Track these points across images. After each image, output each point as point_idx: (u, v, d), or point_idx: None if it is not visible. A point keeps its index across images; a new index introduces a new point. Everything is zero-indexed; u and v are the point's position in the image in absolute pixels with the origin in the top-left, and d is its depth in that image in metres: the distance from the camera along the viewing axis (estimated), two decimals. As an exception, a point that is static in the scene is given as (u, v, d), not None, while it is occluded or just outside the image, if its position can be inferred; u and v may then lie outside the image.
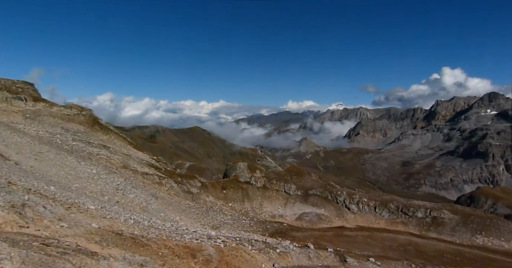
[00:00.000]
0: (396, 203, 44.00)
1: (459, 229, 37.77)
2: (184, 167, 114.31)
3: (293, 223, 41.57)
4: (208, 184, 47.20)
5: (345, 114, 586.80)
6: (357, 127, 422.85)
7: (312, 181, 52.75)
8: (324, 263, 20.42)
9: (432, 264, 25.71)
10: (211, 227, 27.99)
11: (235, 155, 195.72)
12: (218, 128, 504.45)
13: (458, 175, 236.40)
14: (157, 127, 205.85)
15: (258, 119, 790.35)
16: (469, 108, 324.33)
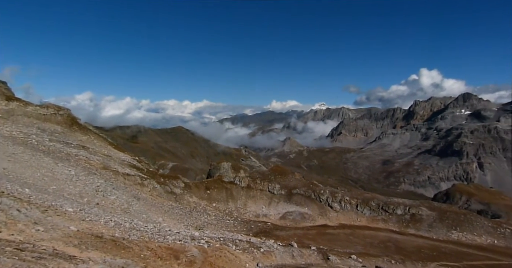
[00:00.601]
0: (376, 201, 45.10)
1: (436, 225, 39.17)
2: (167, 168, 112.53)
3: (277, 222, 41.82)
4: (191, 184, 46.71)
5: (328, 114, 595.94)
6: (340, 126, 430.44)
7: (296, 181, 53.25)
8: (308, 261, 20.69)
9: (410, 260, 26.56)
10: (194, 228, 27.73)
11: (219, 155, 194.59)
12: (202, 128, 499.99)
13: (435, 173, 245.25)
14: (139, 127, 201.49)
15: (242, 119, 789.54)
16: (445, 108, 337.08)
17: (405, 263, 25.55)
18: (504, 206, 60.89)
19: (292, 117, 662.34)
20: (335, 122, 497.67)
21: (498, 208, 59.86)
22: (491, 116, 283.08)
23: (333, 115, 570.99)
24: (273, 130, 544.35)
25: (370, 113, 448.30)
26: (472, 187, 77.94)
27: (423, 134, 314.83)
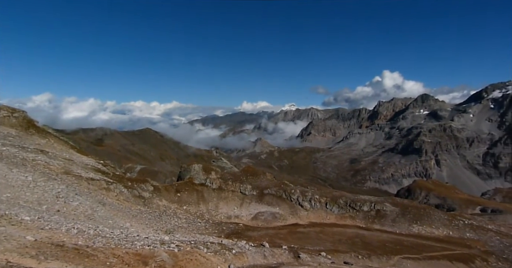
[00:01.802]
0: (345, 198, 46.71)
1: (398, 220, 41.37)
2: (135, 171, 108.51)
3: (249, 223, 41.90)
4: (161, 187, 45.45)
5: (298, 114, 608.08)
6: (309, 127, 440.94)
7: (267, 181, 53.71)
8: (279, 260, 20.96)
9: (376, 254, 27.85)
10: (164, 232, 26.99)
11: (190, 157, 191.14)
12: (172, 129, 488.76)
13: (398, 170, 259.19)
14: (104, 129, 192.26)
15: (213, 120, 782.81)
16: (406, 108, 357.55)
17: (371, 258, 26.75)
18: (458, 199, 65.82)
19: (263, 118, 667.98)
20: (305, 122, 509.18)
21: (453, 201, 64.60)
22: (446, 116, 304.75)
23: (303, 115, 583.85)
24: (244, 131, 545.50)
25: (338, 114, 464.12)
26: (430, 183, 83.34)
27: (387, 133, 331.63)
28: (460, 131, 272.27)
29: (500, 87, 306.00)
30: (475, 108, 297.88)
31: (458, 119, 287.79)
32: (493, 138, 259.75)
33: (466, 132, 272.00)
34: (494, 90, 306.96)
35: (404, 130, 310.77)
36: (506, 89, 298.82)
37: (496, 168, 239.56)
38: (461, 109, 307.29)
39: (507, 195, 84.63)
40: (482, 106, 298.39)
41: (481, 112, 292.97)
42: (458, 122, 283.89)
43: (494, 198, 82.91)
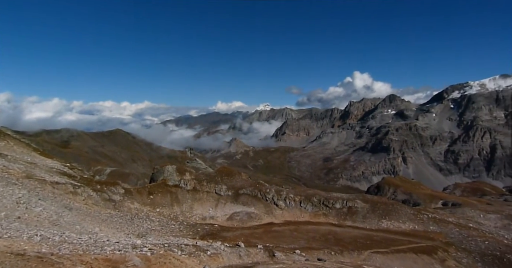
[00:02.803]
0: (318, 196, 47.81)
1: (369, 216, 43.03)
2: (104, 174, 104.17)
3: (224, 223, 41.69)
4: (132, 190, 44.02)
5: (272, 114, 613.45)
6: (283, 126, 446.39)
7: (243, 181, 53.74)
8: (254, 260, 21.06)
9: (348, 250, 28.80)
10: (136, 236, 26.17)
11: (163, 158, 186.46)
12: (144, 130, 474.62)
13: (368, 168, 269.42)
14: (70, 130, 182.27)
15: (187, 120, 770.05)
16: (375, 108, 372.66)
17: (343, 253, 27.62)
18: (423, 195, 69.59)
19: (238, 118, 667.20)
20: (279, 122, 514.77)
21: (418, 197, 68.18)
22: (411, 115, 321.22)
23: (277, 115, 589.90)
24: (219, 131, 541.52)
25: (311, 114, 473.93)
26: (397, 180, 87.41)
27: (358, 132, 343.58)
28: (424, 129, 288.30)
29: (459, 88, 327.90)
30: (437, 108, 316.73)
31: (422, 118, 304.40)
32: (453, 136, 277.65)
33: (429, 130, 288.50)
34: (454, 91, 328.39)
35: (374, 129, 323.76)
36: (464, 90, 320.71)
37: (456, 164, 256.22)
38: (424, 109, 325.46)
39: (465, 190, 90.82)
40: (443, 106, 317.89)
41: (442, 111, 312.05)
42: (422, 121, 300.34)
43: (454, 192, 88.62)
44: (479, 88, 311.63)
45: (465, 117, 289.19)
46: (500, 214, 46.42)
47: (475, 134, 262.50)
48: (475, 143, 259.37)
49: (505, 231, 40.36)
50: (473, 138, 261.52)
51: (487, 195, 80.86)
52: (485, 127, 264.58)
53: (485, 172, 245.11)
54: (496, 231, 39.91)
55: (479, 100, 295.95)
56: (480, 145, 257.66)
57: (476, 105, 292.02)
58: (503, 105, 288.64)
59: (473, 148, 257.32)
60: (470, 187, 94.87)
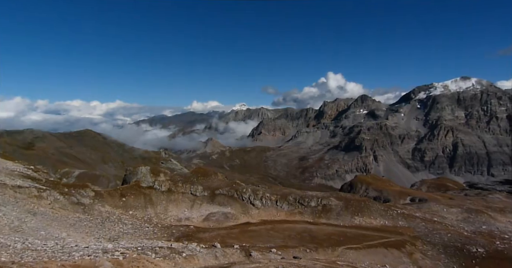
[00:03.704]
0: (294, 195, 48.50)
1: (342, 213, 44.28)
2: (73, 176, 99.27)
3: (200, 224, 41.18)
4: (103, 192, 42.32)
5: (248, 114, 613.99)
6: (260, 126, 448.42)
7: (219, 181, 53.37)
8: (231, 260, 21.00)
9: (322, 247, 29.50)
10: (107, 240, 25.19)
11: (136, 159, 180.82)
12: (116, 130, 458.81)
13: (342, 166, 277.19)
14: (35, 131, 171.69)
15: (161, 120, 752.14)
16: (348, 108, 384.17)
17: (318, 250, 28.25)
18: (393, 191, 72.74)
19: (214, 117, 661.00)
20: (256, 122, 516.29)
21: (388, 193, 71.18)
22: (382, 115, 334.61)
23: (253, 115, 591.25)
24: (195, 131, 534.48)
25: (287, 113, 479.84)
26: (369, 177, 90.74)
27: (331, 131, 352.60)
28: (393, 129, 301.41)
29: (425, 89, 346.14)
30: (405, 108, 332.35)
31: (391, 118, 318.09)
32: (419, 135, 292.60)
33: (398, 130, 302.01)
34: (420, 92, 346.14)
35: (347, 129, 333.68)
36: (429, 91, 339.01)
37: (422, 162, 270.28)
38: (394, 109, 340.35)
39: (431, 186, 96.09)
40: (411, 106, 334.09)
41: (410, 111, 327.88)
42: (391, 120, 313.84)
43: (421, 188, 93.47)
44: (443, 89, 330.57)
45: (430, 117, 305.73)
46: (461, 208, 49.53)
47: (439, 133, 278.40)
48: (439, 142, 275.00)
49: (465, 223, 43.13)
50: (438, 137, 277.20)
51: (450, 190, 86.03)
52: (448, 126, 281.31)
53: (448, 168, 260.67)
54: (457, 224, 42.54)
55: (442, 100, 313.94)
56: (444, 143, 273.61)
57: (440, 106, 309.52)
58: (464, 105, 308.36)
59: (437, 146, 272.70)
60: (435, 183, 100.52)
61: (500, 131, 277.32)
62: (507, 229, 41.84)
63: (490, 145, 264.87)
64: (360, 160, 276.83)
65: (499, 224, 43.68)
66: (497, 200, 61.73)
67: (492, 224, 43.47)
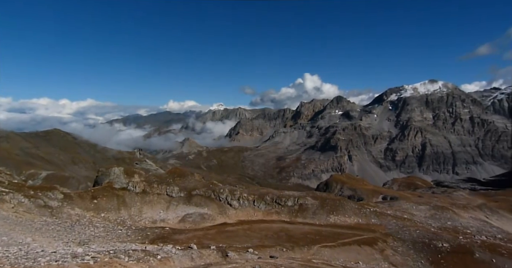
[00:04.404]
0: (271, 195, 48.81)
1: (318, 212, 45.14)
2: (40, 178, 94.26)
3: (176, 226, 40.42)
4: (73, 194, 40.45)
5: (226, 114, 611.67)
6: (237, 126, 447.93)
7: (196, 182, 52.63)
8: (207, 261, 20.79)
9: (298, 245, 29.91)
10: (77, 244, 24.11)
11: (109, 160, 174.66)
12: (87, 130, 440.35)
13: (318, 166, 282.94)
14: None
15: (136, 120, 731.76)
16: (324, 109, 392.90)
17: (294, 249, 28.61)
18: (366, 190, 75.18)
19: (191, 117, 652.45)
20: (233, 122, 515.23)
21: (361, 192, 73.48)
22: (356, 116, 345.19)
23: (231, 115, 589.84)
24: (171, 131, 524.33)
25: (264, 113, 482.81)
26: (344, 177, 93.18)
27: (308, 132, 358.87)
28: (367, 129, 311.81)
29: (396, 91, 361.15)
30: (378, 109, 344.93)
31: (365, 119, 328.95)
32: (391, 135, 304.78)
33: (371, 130, 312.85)
34: (392, 93, 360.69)
35: (323, 129, 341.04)
36: (400, 93, 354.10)
37: (394, 161, 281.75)
38: (367, 110, 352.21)
39: (401, 184, 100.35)
40: (383, 107, 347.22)
41: (382, 112, 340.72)
42: (365, 121, 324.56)
43: (392, 187, 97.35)
44: (412, 92, 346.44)
45: (401, 118, 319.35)
46: (428, 205, 52.12)
47: (409, 133, 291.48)
48: (409, 142, 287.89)
49: (432, 220, 45.43)
50: (408, 137, 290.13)
51: (419, 189, 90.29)
52: (417, 127, 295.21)
53: (417, 167, 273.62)
54: (425, 221, 44.71)
55: (412, 102, 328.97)
56: (413, 143, 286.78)
57: (410, 107, 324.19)
58: (431, 107, 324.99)
59: (407, 146, 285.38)
60: (405, 182, 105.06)
61: (463, 132, 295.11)
62: (469, 224, 44.57)
63: (455, 145, 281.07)
64: (336, 160, 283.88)
65: (462, 220, 46.42)
66: (461, 197, 65.60)
67: (456, 220, 46.10)
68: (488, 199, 64.59)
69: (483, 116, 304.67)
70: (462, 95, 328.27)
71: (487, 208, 56.27)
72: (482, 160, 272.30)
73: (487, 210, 55.74)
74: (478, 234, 38.67)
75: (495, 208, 57.76)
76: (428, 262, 30.83)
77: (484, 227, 43.91)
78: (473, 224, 45.04)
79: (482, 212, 54.34)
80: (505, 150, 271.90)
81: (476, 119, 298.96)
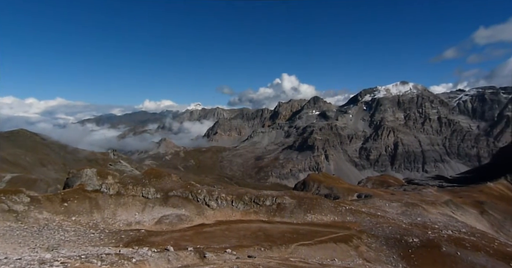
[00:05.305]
0: (249, 195, 48.85)
1: (296, 211, 45.75)
2: (3, 181, 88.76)
3: (152, 228, 39.48)
4: (41, 198, 38.42)
5: (204, 114, 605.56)
6: (215, 126, 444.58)
7: (173, 182, 51.63)
8: (184, 263, 20.49)
9: (276, 245, 30.17)
10: (45, 249, 22.93)
11: (81, 161, 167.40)
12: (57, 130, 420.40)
13: (295, 165, 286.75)
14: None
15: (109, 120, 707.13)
16: (301, 109, 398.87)
17: (272, 248, 28.84)
18: (342, 188, 77.11)
19: (167, 117, 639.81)
20: (211, 122, 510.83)
21: (338, 191, 75.29)
22: (332, 116, 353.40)
23: (209, 115, 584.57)
24: (147, 131, 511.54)
25: (243, 113, 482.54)
26: (321, 176, 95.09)
27: (286, 132, 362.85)
28: (343, 129, 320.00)
29: (370, 92, 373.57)
30: (353, 110, 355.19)
31: (341, 119, 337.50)
32: (366, 135, 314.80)
33: (347, 130, 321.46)
34: (366, 94, 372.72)
35: (300, 129, 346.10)
36: (373, 94, 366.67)
37: (368, 160, 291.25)
38: (343, 110, 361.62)
39: (375, 182, 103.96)
40: (358, 108, 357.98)
41: (357, 113, 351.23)
42: (341, 121, 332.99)
43: (366, 185, 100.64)
44: (385, 93, 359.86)
45: (375, 118, 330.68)
46: (400, 202, 54.36)
47: (383, 133, 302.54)
48: (382, 141, 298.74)
49: (404, 216, 47.44)
50: (381, 137, 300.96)
51: (391, 186, 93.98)
52: (390, 127, 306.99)
53: (390, 166, 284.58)
54: (397, 217, 46.60)
55: (385, 103, 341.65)
56: (386, 142, 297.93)
57: (383, 108, 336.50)
58: (403, 107, 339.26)
59: (381, 145, 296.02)
60: (379, 180, 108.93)
61: (432, 132, 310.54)
62: (437, 220, 46.96)
63: (425, 144, 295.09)
64: (313, 159, 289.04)
65: (431, 216, 48.83)
66: (430, 194, 68.95)
67: (425, 216, 48.42)
68: (454, 195, 68.41)
69: (450, 116, 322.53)
70: (431, 96, 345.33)
71: (453, 204, 59.55)
72: (449, 159, 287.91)
73: (453, 205, 59.00)
74: (445, 229, 40.82)
75: (460, 203, 61.27)
76: (400, 257, 32.15)
77: (450, 222, 46.45)
78: (440, 219, 47.49)
79: (448, 207, 57.44)
80: (469, 149, 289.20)
81: (444, 119, 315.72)
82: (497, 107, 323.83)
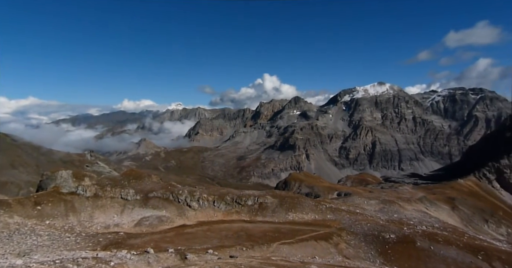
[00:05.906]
0: (231, 195, 48.74)
1: (277, 210, 46.13)
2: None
3: (132, 230, 38.60)
4: (11, 201, 36.63)
5: (185, 114, 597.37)
6: (197, 126, 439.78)
7: (153, 183, 50.68)
8: (165, 265, 20.23)
9: (258, 244, 30.33)
10: (16, 255, 21.93)
11: (56, 163, 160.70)
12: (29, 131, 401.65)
13: (277, 165, 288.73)
14: None
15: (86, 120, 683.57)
16: (282, 109, 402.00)
17: (254, 248, 28.97)
18: (322, 187, 78.54)
19: (147, 117, 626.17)
20: (192, 122, 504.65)
21: (318, 189, 76.61)
22: (313, 116, 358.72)
23: (190, 115, 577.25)
24: (126, 131, 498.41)
25: (224, 113, 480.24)
26: (302, 175, 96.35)
27: (267, 131, 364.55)
28: (323, 129, 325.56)
29: (349, 92, 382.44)
30: (333, 110, 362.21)
31: (321, 118, 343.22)
32: (345, 135, 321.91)
33: (327, 129, 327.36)
34: (345, 95, 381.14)
35: (282, 129, 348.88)
36: (352, 94, 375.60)
37: (347, 159, 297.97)
38: (323, 110, 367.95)
39: (354, 180, 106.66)
40: (337, 108, 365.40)
41: (337, 113, 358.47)
42: (321, 121, 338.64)
43: (346, 183, 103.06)
44: (364, 93, 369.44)
45: (353, 118, 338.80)
46: (378, 200, 56.07)
47: (361, 132, 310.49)
48: (361, 140, 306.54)
49: (381, 213, 48.99)
50: (360, 136, 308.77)
51: (370, 184, 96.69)
52: (368, 126, 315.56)
53: (368, 164, 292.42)
54: (375, 214, 48.04)
55: (363, 103, 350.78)
56: (365, 142, 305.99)
57: (361, 108, 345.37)
58: (380, 107, 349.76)
59: (359, 145, 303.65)
60: (358, 178, 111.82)
61: (408, 131, 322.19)
62: (412, 216, 48.84)
63: (401, 143, 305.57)
64: (294, 158, 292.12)
65: (406, 212, 50.72)
66: (405, 191, 71.55)
67: (401, 212, 50.22)
68: (428, 192, 71.39)
69: (424, 116, 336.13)
70: (406, 97, 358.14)
71: (427, 200, 62.14)
72: (423, 157, 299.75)
73: (427, 202, 61.57)
74: (420, 225, 42.56)
75: (433, 200, 64.04)
76: (377, 253, 33.20)
77: (424, 218, 48.45)
78: (415, 215, 49.43)
79: (422, 204, 59.88)
80: (441, 147, 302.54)
81: (418, 119, 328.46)
82: (466, 107, 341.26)
